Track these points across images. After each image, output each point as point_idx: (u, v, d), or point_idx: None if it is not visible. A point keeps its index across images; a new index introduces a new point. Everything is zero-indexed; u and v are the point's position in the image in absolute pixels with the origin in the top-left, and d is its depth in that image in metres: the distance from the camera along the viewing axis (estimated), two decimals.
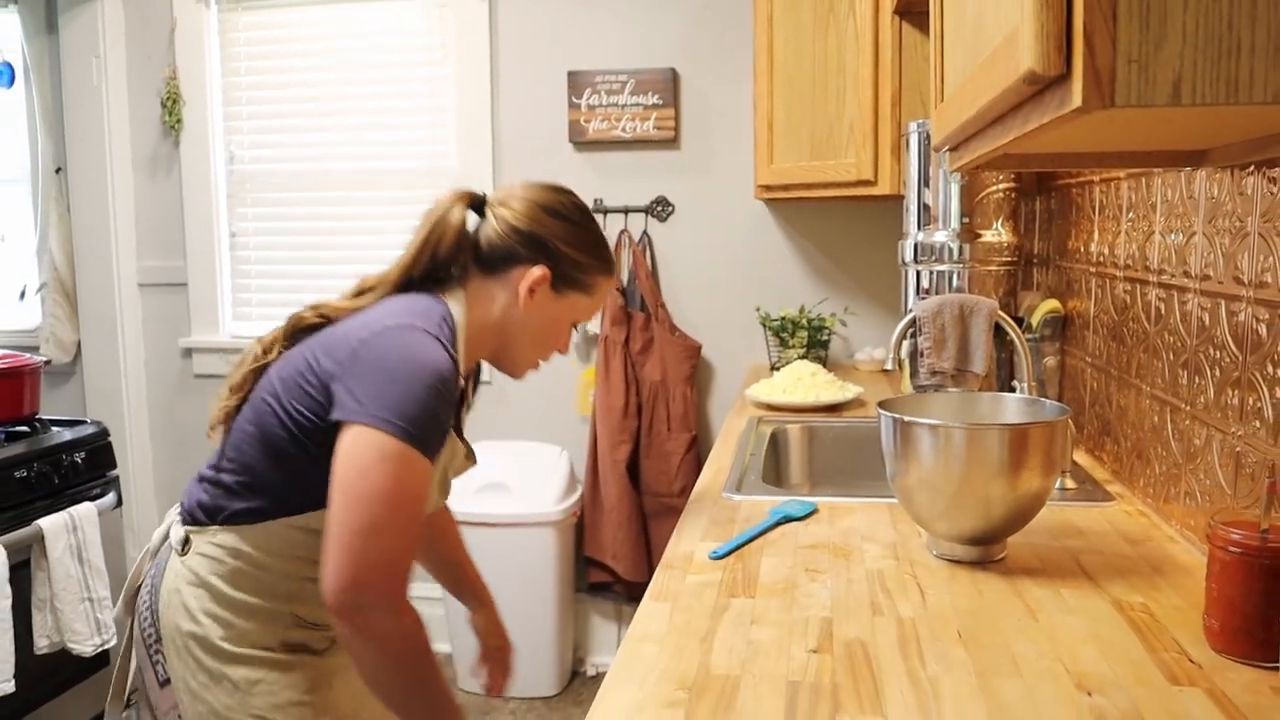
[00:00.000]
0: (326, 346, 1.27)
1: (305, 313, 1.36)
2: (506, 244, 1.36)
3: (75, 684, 2.54)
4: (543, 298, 1.38)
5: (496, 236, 1.37)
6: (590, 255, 1.40)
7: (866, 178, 2.56)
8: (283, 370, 1.30)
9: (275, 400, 1.28)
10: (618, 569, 3.18)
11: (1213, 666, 1.06)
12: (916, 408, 1.49)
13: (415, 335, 1.22)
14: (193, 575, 1.32)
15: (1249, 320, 1.25)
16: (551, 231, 1.37)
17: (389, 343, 1.21)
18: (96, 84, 3.50)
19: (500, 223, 1.37)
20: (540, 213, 1.37)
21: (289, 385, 1.27)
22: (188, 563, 1.33)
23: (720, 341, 3.31)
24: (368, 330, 1.24)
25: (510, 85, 3.34)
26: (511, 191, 1.40)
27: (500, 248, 1.37)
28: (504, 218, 1.37)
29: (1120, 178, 1.78)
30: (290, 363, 1.30)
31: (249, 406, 1.33)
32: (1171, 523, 1.51)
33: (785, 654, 1.10)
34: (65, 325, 3.63)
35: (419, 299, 1.32)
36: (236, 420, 1.34)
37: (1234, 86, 0.69)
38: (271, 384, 1.30)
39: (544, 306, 1.39)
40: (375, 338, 1.22)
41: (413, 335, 1.22)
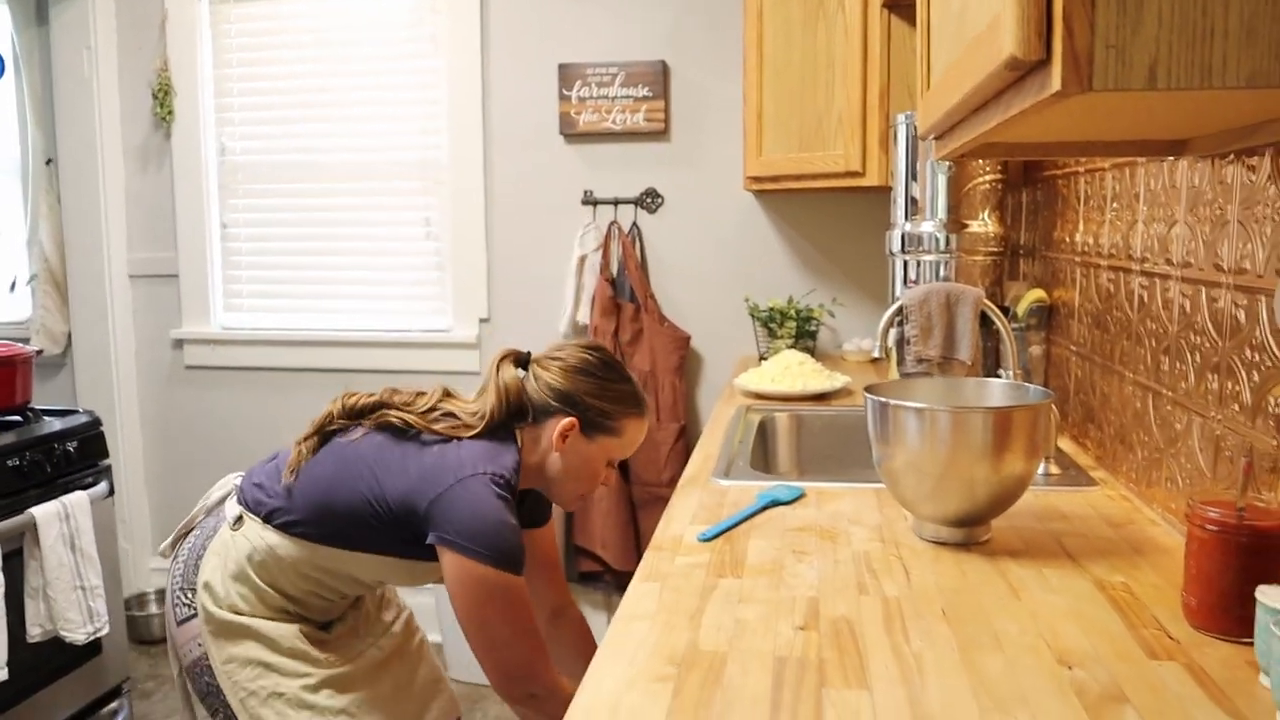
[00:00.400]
0: (425, 470, 1.52)
1: (392, 415, 1.60)
2: (543, 399, 1.62)
3: (68, 672, 2.55)
4: (575, 441, 1.62)
5: (536, 394, 1.62)
6: (615, 404, 1.63)
7: (855, 169, 2.58)
8: (384, 457, 1.56)
9: (371, 475, 1.54)
10: (606, 558, 3.21)
11: (1191, 642, 1.08)
12: (903, 392, 1.52)
13: (488, 485, 1.50)
14: (233, 548, 1.60)
15: (1228, 306, 1.28)
16: (580, 388, 1.61)
17: (474, 490, 1.49)
18: (87, 75, 3.50)
19: (539, 382, 1.63)
20: (572, 374, 1.62)
21: (388, 474, 1.54)
22: (235, 538, 1.61)
23: (709, 332, 3.33)
24: (452, 475, 1.50)
25: (501, 77, 3.35)
26: (550, 353, 1.67)
27: (538, 403, 1.62)
28: (543, 378, 1.63)
29: (1105, 168, 1.81)
30: (390, 457, 1.55)
31: (333, 456, 1.59)
32: (1153, 506, 1.54)
33: (773, 631, 1.12)
34: (56, 316, 3.63)
35: (497, 445, 1.56)
36: (322, 453, 1.61)
37: (1208, 71, 0.72)
38: (368, 459, 1.56)
39: (577, 449, 1.62)
40: (464, 481, 1.49)
41: (487, 485, 1.50)
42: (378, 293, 3.57)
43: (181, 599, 1.65)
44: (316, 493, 1.56)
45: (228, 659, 1.57)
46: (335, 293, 3.59)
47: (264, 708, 1.55)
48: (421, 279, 3.54)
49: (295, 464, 1.60)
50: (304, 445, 1.62)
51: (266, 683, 1.55)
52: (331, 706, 1.57)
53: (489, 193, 3.40)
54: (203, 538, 1.67)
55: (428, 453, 1.54)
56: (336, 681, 1.59)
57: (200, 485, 3.64)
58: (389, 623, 1.78)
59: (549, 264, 3.39)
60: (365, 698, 1.61)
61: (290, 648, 1.57)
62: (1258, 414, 1.20)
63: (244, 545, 1.59)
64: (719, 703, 0.96)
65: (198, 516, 1.74)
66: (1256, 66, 0.72)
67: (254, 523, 1.60)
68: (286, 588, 1.60)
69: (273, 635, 1.57)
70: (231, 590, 1.58)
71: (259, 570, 1.58)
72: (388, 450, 1.56)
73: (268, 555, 1.58)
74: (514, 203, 3.40)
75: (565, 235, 3.35)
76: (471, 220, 3.41)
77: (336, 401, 1.65)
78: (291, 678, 1.56)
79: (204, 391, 3.70)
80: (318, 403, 3.72)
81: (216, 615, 1.58)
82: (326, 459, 1.59)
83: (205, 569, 1.61)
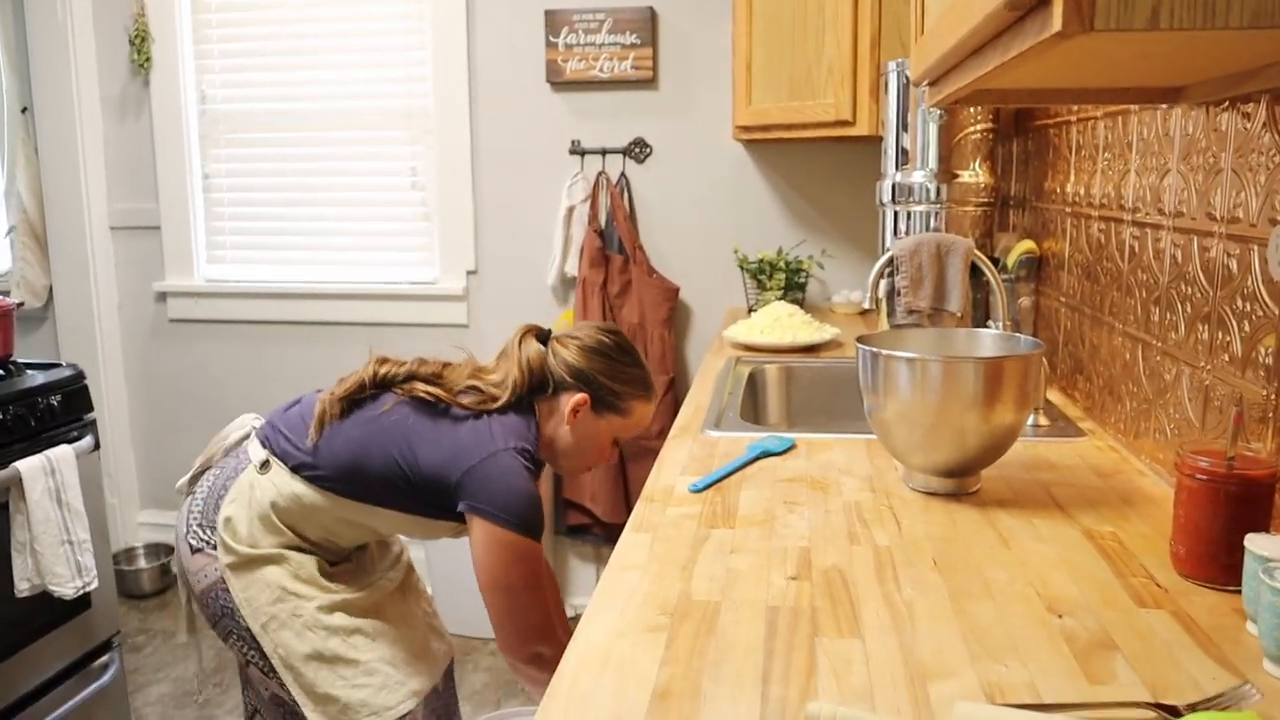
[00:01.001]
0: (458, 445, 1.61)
1: (419, 386, 1.67)
2: (559, 375, 1.71)
3: (57, 626, 2.54)
4: (585, 417, 1.71)
5: (554, 370, 1.71)
6: (625, 385, 1.73)
7: (845, 118, 2.56)
8: (416, 426, 1.63)
9: (405, 443, 1.62)
10: (596, 511, 3.22)
11: (1178, 590, 1.09)
12: (894, 342, 1.51)
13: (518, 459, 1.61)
14: (258, 489, 1.67)
15: (1220, 256, 1.27)
16: (594, 367, 1.71)
17: (507, 464, 1.59)
18: (61, 21, 3.42)
19: (557, 358, 1.72)
20: (588, 354, 1.71)
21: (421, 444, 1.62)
22: (260, 480, 1.68)
23: (698, 284, 3.32)
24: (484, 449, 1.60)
25: (487, 24, 3.29)
26: (569, 332, 1.76)
27: (556, 378, 1.71)
28: (560, 355, 1.71)
29: (1097, 117, 1.79)
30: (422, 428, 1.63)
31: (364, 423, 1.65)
32: (1141, 457, 1.55)
33: (765, 581, 1.12)
34: (36, 269, 3.59)
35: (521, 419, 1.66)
36: (343, 424, 1.66)
37: (1211, 10, 0.70)
38: (402, 427, 1.63)
39: (586, 424, 1.72)
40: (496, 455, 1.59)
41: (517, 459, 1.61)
42: (363, 244, 3.53)
43: (199, 533, 1.71)
44: (347, 454, 1.64)
45: (247, 586, 1.65)
46: (320, 244, 3.56)
47: (283, 630, 1.64)
48: (408, 230, 3.50)
49: (320, 423, 1.66)
50: (330, 406, 1.67)
51: (285, 606, 1.64)
52: (345, 626, 1.66)
53: (475, 142, 3.36)
54: (223, 477, 1.73)
55: (459, 427, 1.63)
56: (348, 605, 1.69)
57: (186, 438, 3.65)
58: (393, 558, 1.88)
59: (537, 215, 3.36)
60: (375, 621, 1.72)
61: (307, 575, 1.67)
62: (1248, 364, 1.20)
63: (269, 489, 1.66)
64: (712, 651, 0.96)
65: (215, 455, 1.80)
66: (1260, 6, 0.71)
67: (281, 470, 1.67)
68: (306, 531, 1.68)
69: (290, 560, 1.66)
70: (255, 529, 1.66)
71: (282, 514, 1.66)
72: (419, 422, 1.64)
73: (293, 502, 1.65)
74: (501, 153, 3.36)
75: (553, 186, 3.32)
76: (458, 170, 3.37)
77: (369, 368, 1.70)
78: (307, 600, 1.65)
79: (188, 345, 3.68)
80: (303, 355, 3.71)
81: (237, 549, 1.65)
82: (356, 424, 1.66)
83: (227, 506, 1.68)
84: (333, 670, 1.64)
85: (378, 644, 1.69)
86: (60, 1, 3.40)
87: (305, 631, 1.64)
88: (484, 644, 3.15)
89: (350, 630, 1.67)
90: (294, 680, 1.64)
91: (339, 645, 1.65)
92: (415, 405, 1.66)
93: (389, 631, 1.72)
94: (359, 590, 1.73)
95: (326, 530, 1.70)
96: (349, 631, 1.66)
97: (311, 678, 1.63)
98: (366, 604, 1.72)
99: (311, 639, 1.63)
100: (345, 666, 1.64)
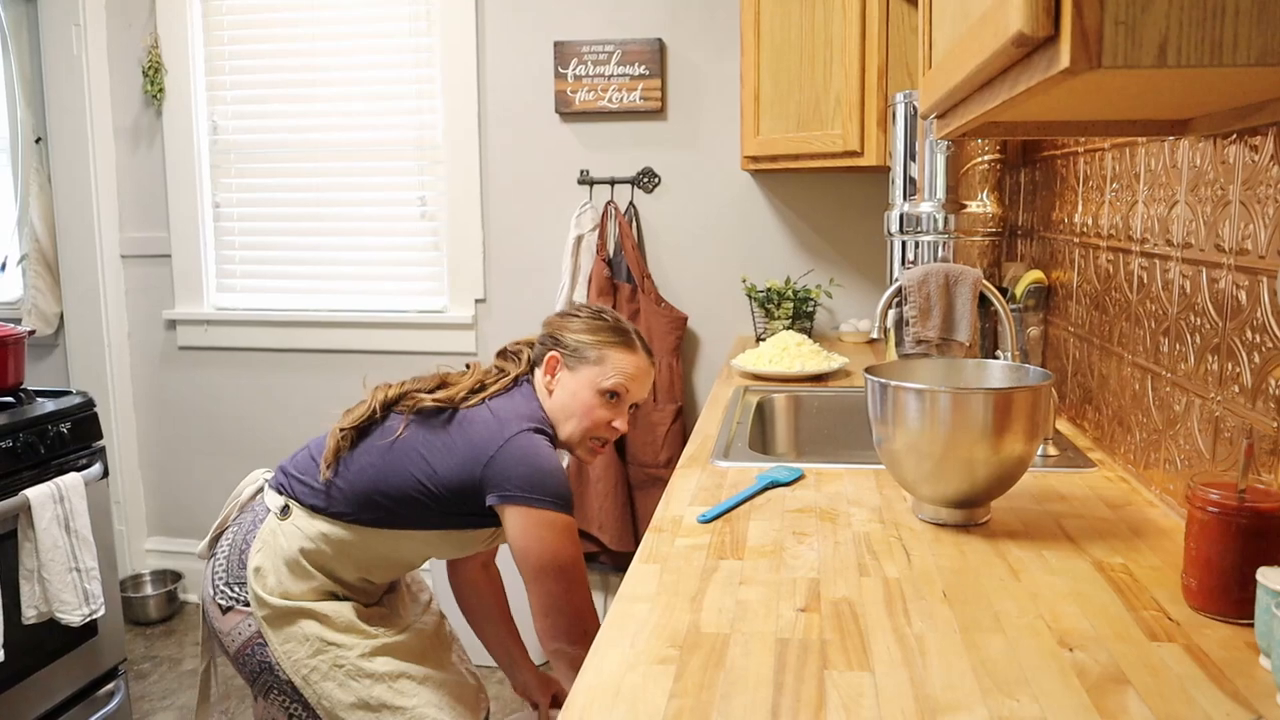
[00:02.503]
0: (471, 441, 1.62)
1: (425, 398, 1.69)
2: (539, 348, 1.80)
3: (64, 654, 2.54)
4: (562, 376, 1.76)
5: (538, 341, 1.81)
6: (591, 335, 1.76)
7: (853, 149, 2.57)
8: (429, 440, 1.65)
9: (422, 461, 1.63)
10: (604, 539, 3.21)
11: (1190, 624, 1.08)
12: (902, 373, 1.51)
13: (534, 437, 1.62)
14: (282, 536, 1.66)
15: (1229, 287, 1.27)
16: (561, 327, 1.79)
17: (528, 444, 1.60)
18: (76, 53, 3.46)
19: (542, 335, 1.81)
20: (558, 318, 1.81)
21: (438, 456, 1.63)
22: (283, 527, 1.67)
23: (706, 313, 3.32)
24: (505, 431, 1.62)
25: (496, 55, 3.33)
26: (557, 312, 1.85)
27: (538, 352, 1.80)
28: (543, 331, 1.81)
29: (1104, 148, 1.80)
30: (436, 440, 1.64)
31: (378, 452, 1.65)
32: (1151, 488, 1.54)
33: (774, 613, 1.12)
34: (47, 297, 3.61)
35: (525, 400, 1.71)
36: (354, 454, 1.67)
37: (1218, 48, 0.71)
38: (417, 448, 1.64)
39: (564, 383, 1.75)
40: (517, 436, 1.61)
41: (533, 438, 1.62)
42: (373, 273, 3.55)
43: (226, 592, 1.69)
44: (363, 483, 1.64)
45: (285, 639, 1.62)
46: (329, 273, 3.58)
47: (326, 681, 1.62)
48: (417, 259, 3.52)
49: (333, 457, 1.66)
50: (340, 438, 1.68)
51: (326, 657, 1.62)
52: (390, 672, 1.65)
53: (485, 172, 3.38)
54: (243, 532, 1.72)
55: (468, 424, 1.64)
56: (391, 649, 1.67)
57: (195, 466, 3.66)
58: (424, 604, 1.88)
59: (545, 244, 3.37)
60: (420, 666, 1.70)
61: (346, 623, 1.65)
62: (1258, 395, 1.20)
63: (294, 534, 1.66)
64: (721, 684, 0.96)
65: (231, 514, 1.79)
66: (1268, 44, 0.71)
67: (302, 513, 1.67)
68: (339, 572, 1.68)
69: (326, 613, 1.64)
70: (284, 578, 1.65)
71: (312, 558, 1.66)
72: (431, 434, 1.65)
73: (321, 542, 1.65)
74: (510, 182, 3.38)
75: (562, 215, 3.34)
76: (467, 200, 3.40)
77: (375, 395, 1.72)
78: (348, 650, 1.63)
79: (197, 372, 3.69)
80: (312, 383, 3.72)
81: (269, 601, 1.62)
82: (368, 452, 1.67)
83: (254, 558, 1.67)
84: (379, 718, 1.62)
85: (424, 688, 1.67)
86: (76, 33, 3.45)
87: (349, 681, 1.62)
88: (490, 673, 3.13)
89: (396, 675, 1.65)
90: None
91: (384, 692, 1.63)
92: (422, 419, 1.66)
93: (433, 676, 1.70)
94: (399, 632, 1.71)
95: (359, 566, 1.68)
96: (394, 677, 1.64)
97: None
98: (411, 647, 1.71)
99: (355, 688, 1.61)
100: (391, 714, 1.62)
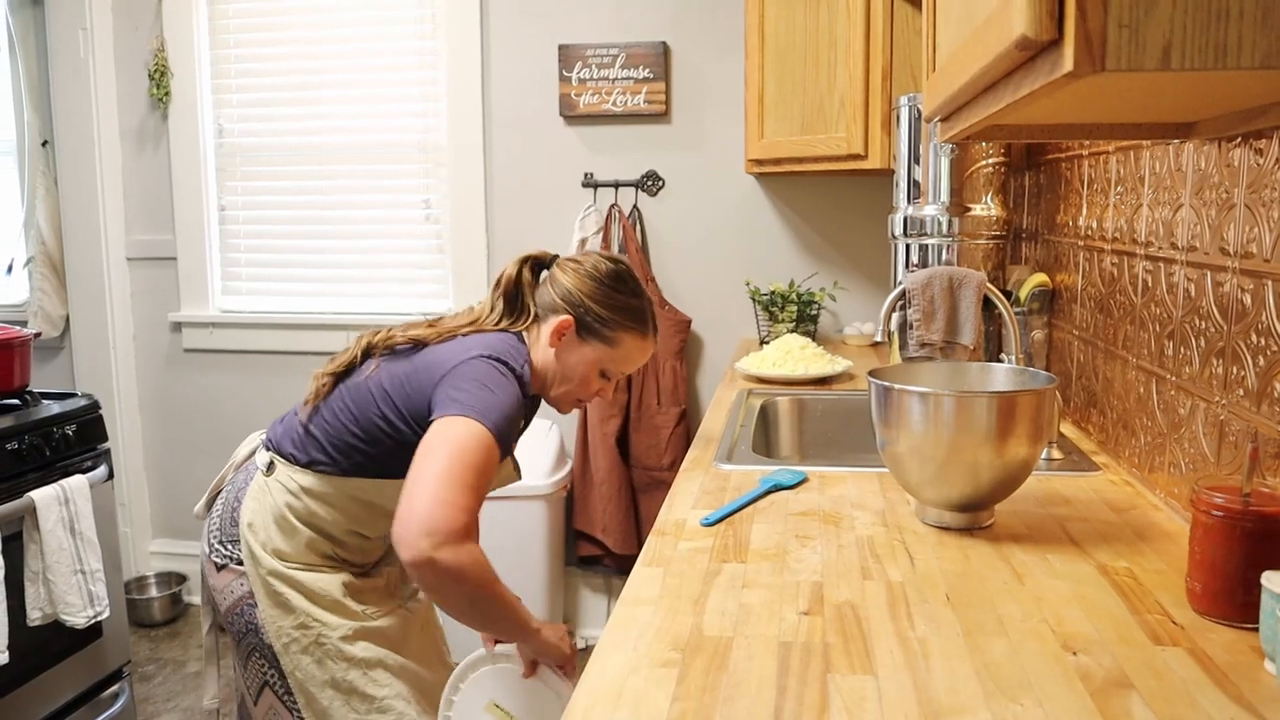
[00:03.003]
0: (429, 364, 1.56)
1: (398, 335, 1.65)
2: (549, 298, 1.67)
3: (69, 655, 2.55)
4: (570, 341, 1.66)
5: (546, 293, 1.68)
6: (614, 313, 1.66)
7: (857, 152, 2.57)
8: (392, 371, 1.60)
9: (383, 394, 1.58)
10: (607, 542, 3.21)
11: (1194, 627, 1.08)
12: (906, 376, 1.51)
13: (500, 367, 1.53)
14: (269, 492, 1.66)
15: (1234, 291, 1.27)
16: (584, 289, 1.65)
17: (481, 368, 1.51)
18: (83, 56, 3.47)
19: (553, 282, 1.68)
20: (578, 275, 1.66)
21: (397, 386, 1.57)
22: (269, 483, 1.66)
23: (710, 316, 3.32)
24: (465, 355, 1.54)
25: (501, 58, 3.33)
26: (574, 257, 1.71)
27: (546, 302, 1.68)
28: (558, 278, 1.68)
29: (1109, 151, 1.80)
30: (398, 369, 1.59)
31: (349, 391, 1.62)
32: (1156, 491, 1.54)
33: (777, 616, 1.12)
34: (53, 300, 3.62)
35: (505, 338, 1.62)
36: (332, 397, 1.64)
37: (1223, 51, 0.71)
38: (380, 381, 1.59)
39: (571, 349, 1.67)
40: (473, 360, 1.52)
41: (498, 366, 1.53)
42: (377, 275, 3.55)
43: (220, 550, 1.70)
44: (337, 425, 1.61)
45: (274, 603, 1.63)
46: (334, 276, 3.58)
47: (304, 655, 1.63)
48: (422, 262, 3.53)
49: (312, 398, 1.65)
50: (321, 382, 1.66)
51: (309, 633, 1.63)
52: (367, 658, 1.65)
53: (489, 175, 3.39)
54: (235, 490, 1.73)
55: (431, 352, 1.59)
56: (372, 634, 1.67)
57: (200, 468, 3.66)
58: (415, 589, 1.86)
59: (549, 247, 3.30)
60: (398, 656, 1.69)
61: (331, 600, 1.64)
62: (1263, 399, 1.19)
63: (279, 490, 1.65)
64: (724, 688, 0.95)
65: (227, 475, 1.80)
66: (1271, 47, 0.71)
67: (285, 466, 1.65)
68: (326, 526, 1.65)
69: (314, 588, 1.63)
70: (274, 535, 1.64)
71: (298, 514, 1.64)
72: (398, 366, 1.61)
73: (304, 496, 1.63)
74: (514, 185, 3.38)
75: (566, 218, 3.34)
76: (472, 203, 3.40)
77: (361, 340, 1.68)
78: (331, 630, 1.63)
79: (203, 375, 3.70)
80: None
81: (261, 559, 1.63)
82: (342, 394, 1.64)
83: (246, 513, 1.67)
84: (347, 702, 1.63)
85: (397, 680, 1.67)
86: (82, 37, 3.46)
87: (326, 660, 1.63)
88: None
89: (374, 663, 1.65)
90: (307, 704, 1.64)
91: (358, 678, 1.63)
92: (390, 357, 1.63)
93: (408, 668, 1.70)
94: (387, 615, 1.70)
95: (347, 518, 1.65)
96: (371, 664, 1.65)
97: (325, 705, 1.63)
98: (393, 633, 1.70)
99: (331, 668, 1.63)
100: (360, 700, 1.63)
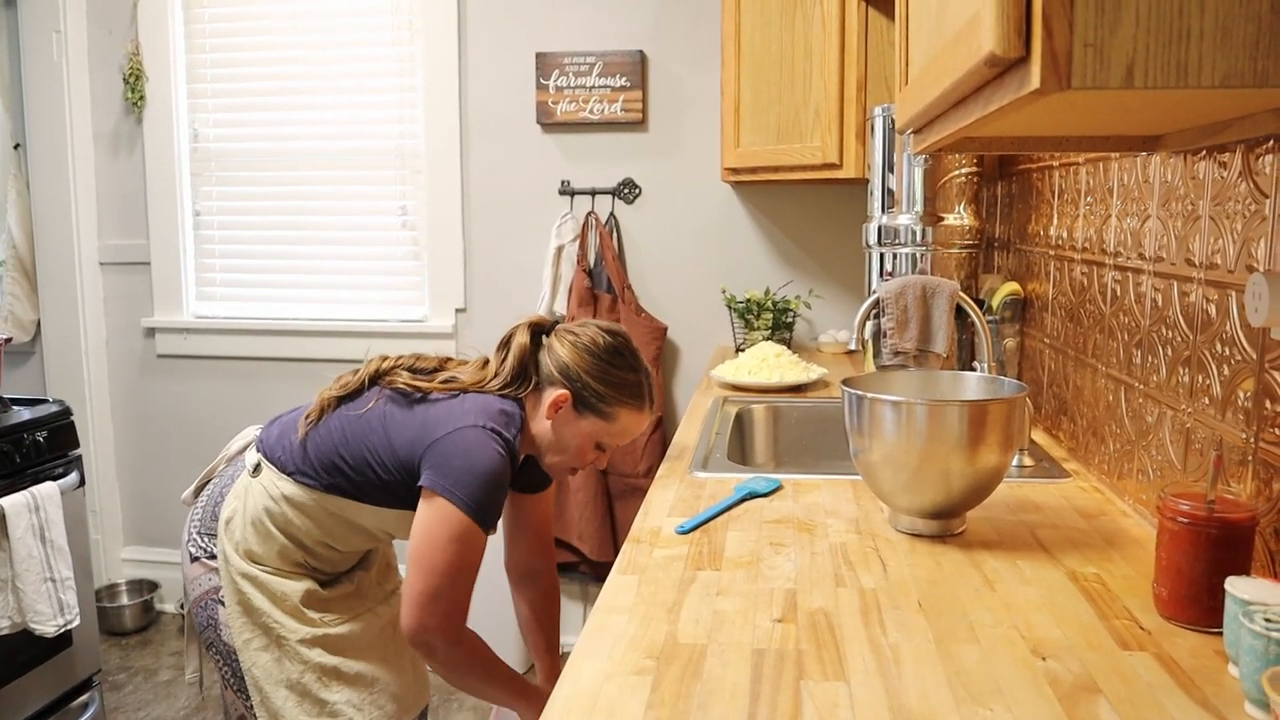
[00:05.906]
0: (425, 422, 1.58)
1: (402, 375, 1.67)
2: (549, 370, 1.66)
3: (38, 664, 2.52)
4: (566, 415, 1.65)
5: (545, 363, 1.67)
6: (611, 389, 1.65)
7: (832, 161, 2.59)
8: (391, 414, 1.62)
9: (379, 434, 1.61)
10: (583, 549, 3.21)
11: (1161, 632, 1.10)
12: (879, 385, 1.53)
13: (493, 438, 1.55)
14: (251, 494, 1.68)
15: (1199, 301, 1.30)
16: (582, 365, 1.64)
17: (474, 438, 1.54)
18: (57, 59, 3.44)
19: (550, 351, 1.67)
20: (575, 350, 1.66)
21: (393, 430, 1.60)
22: (253, 485, 1.68)
23: (686, 323, 3.33)
24: (462, 421, 1.56)
25: (478, 65, 3.33)
26: (572, 327, 1.71)
27: (545, 372, 1.67)
28: (555, 349, 1.67)
29: (1079, 163, 1.82)
30: (396, 415, 1.62)
31: (348, 418, 1.65)
32: (1125, 498, 1.56)
33: (751, 624, 1.13)
34: (24, 304, 3.58)
35: (503, 404, 1.62)
36: (331, 416, 1.66)
37: (1184, 70, 0.72)
38: (379, 419, 1.62)
39: (567, 422, 1.66)
40: (466, 429, 1.55)
41: (492, 436, 1.55)
42: (353, 282, 3.54)
43: (198, 541, 1.73)
44: (329, 446, 1.63)
45: (236, 604, 1.66)
46: (310, 282, 3.57)
47: (263, 653, 1.65)
48: (397, 268, 3.52)
49: (315, 415, 1.67)
50: (326, 402, 1.68)
51: (271, 633, 1.65)
52: (323, 664, 1.67)
53: (465, 182, 3.39)
54: (221, 485, 1.75)
55: (435, 406, 1.61)
56: (328, 641, 1.68)
57: (173, 475, 3.64)
58: (389, 592, 1.87)
59: (526, 254, 3.38)
60: (355, 661, 1.71)
61: (291, 606, 1.66)
62: (1227, 407, 1.22)
63: (260, 493, 1.66)
64: (698, 695, 0.96)
65: (218, 466, 1.82)
66: (1231, 67, 0.73)
67: (271, 471, 1.67)
68: (300, 535, 1.67)
69: (277, 591, 1.65)
70: (249, 535, 1.66)
71: (275, 520, 1.66)
72: (396, 411, 1.63)
73: (283, 503, 1.65)
74: (491, 192, 3.39)
75: (542, 225, 3.34)
76: (448, 210, 3.40)
77: (370, 365, 1.71)
78: (290, 633, 1.66)
79: (176, 381, 3.67)
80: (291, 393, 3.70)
81: (232, 559, 1.66)
82: (341, 417, 1.66)
83: (226, 510, 1.70)
84: (299, 705, 1.65)
85: (350, 688, 1.68)
86: (56, 39, 3.43)
87: (284, 660, 1.65)
88: None
89: (328, 670, 1.66)
90: (261, 702, 1.65)
91: (312, 682, 1.65)
92: (393, 396, 1.64)
93: (367, 673, 1.71)
94: (348, 620, 1.72)
95: (320, 530, 1.67)
96: (326, 670, 1.66)
97: (279, 705, 1.64)
98: (354, 639, 1.71)
99: (288, 668, 1.65)
100: (311, 704, 1.65)
